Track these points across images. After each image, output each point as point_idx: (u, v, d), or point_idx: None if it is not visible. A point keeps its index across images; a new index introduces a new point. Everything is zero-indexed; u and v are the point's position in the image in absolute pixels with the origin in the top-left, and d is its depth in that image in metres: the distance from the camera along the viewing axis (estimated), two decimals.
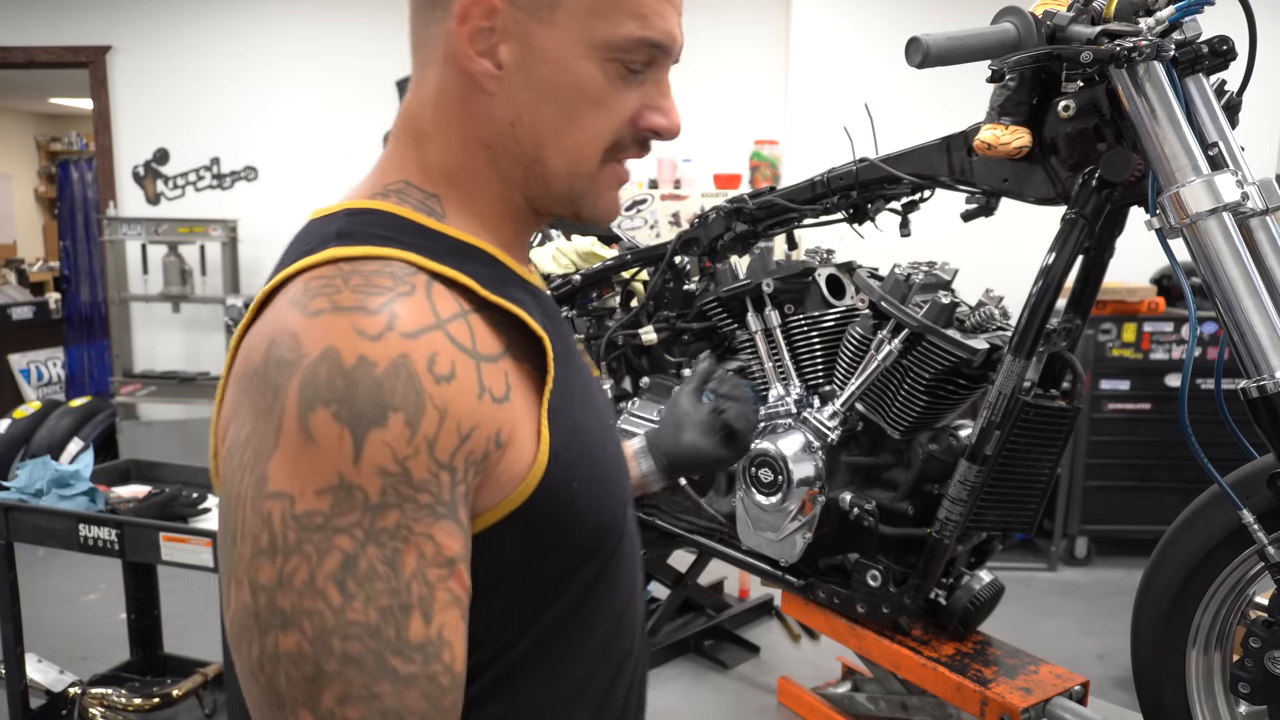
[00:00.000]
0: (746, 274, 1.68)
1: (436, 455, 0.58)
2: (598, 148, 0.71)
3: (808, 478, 1.50)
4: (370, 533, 0.56)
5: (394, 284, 0.60)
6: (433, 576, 0.58)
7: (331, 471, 0.55)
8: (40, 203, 9.93)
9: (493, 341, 0.64)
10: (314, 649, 0.54)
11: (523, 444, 0.64)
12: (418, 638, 0.56)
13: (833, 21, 4.64)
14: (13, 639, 2.26)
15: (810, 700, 1.73)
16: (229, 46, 5.08)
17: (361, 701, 0.55)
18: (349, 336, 0.57)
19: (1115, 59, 1.11)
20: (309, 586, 0.55)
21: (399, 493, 0.56)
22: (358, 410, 0.56)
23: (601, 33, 0.67)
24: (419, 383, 0.57)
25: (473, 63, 0.67)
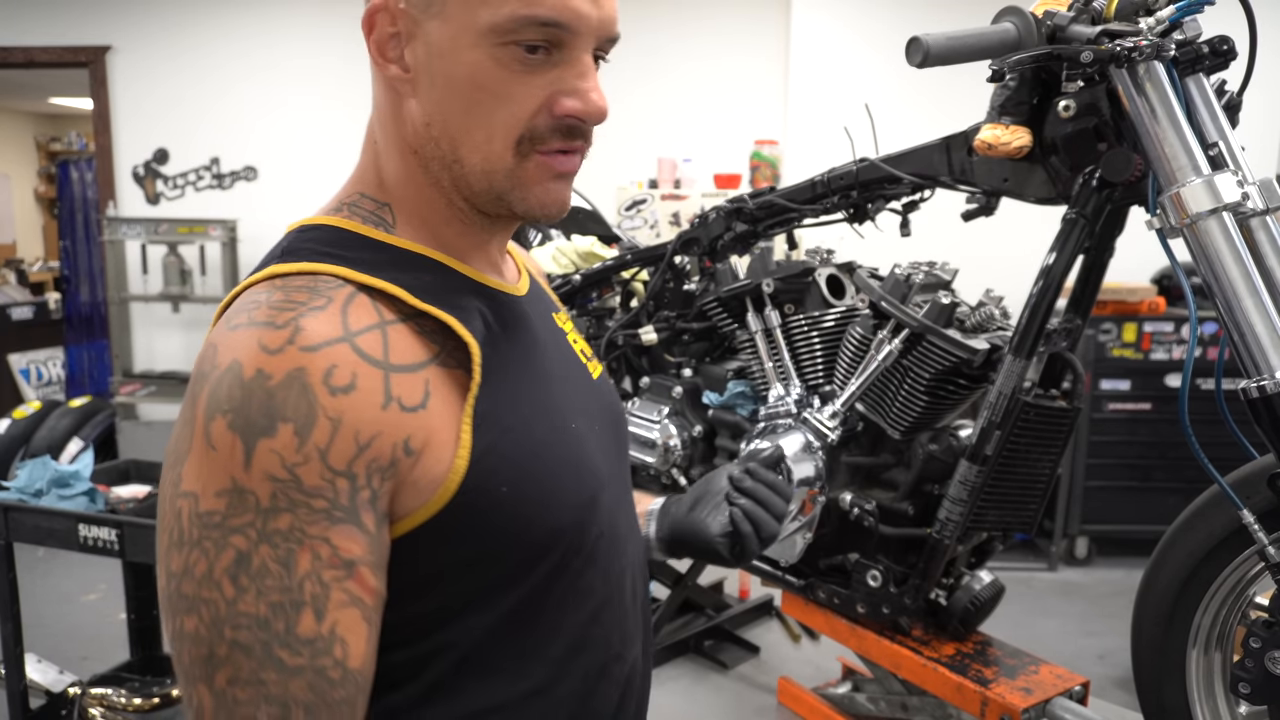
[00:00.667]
0: (746, 274, 1.68)
1: (330, 463, 0.60)
2: (507, 140, 0.68)
3: (808, 478, 1.50)
4: (263, 533, 0.59)
5: (309, 298, 0.63)
6: (328, 577, 0.60)
7: (226, 476, 0.59)
8: (40, 203, 9.93)
9: (416, 350, 0.66)
10: (209, 633, 0.59)
11: (441, 449, 0.65)
12: (307, 633, 0.60)
13: (833, 22, 4.64)
14: (13, 639, 2.26)
15: (810, 700, 1.73)
16: (229, 46, 5.08)
17: (249, 685, 0.59)
18: (252, 351, 0.60)
19: (1115, 59, 1.11)
20: (207, 578, 0.59)
21: (290, 498, 0.60)
22: (249, 420, 0.59)
23: (486, 17, 0.65)
24: (311, 395, 0.60)
25: (384, 68, 0.69)
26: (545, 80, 0.67)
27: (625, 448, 0.91)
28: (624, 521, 0.83)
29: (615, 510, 0.80)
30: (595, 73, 0.69)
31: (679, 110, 4.81)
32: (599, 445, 0.79)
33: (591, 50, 0.69)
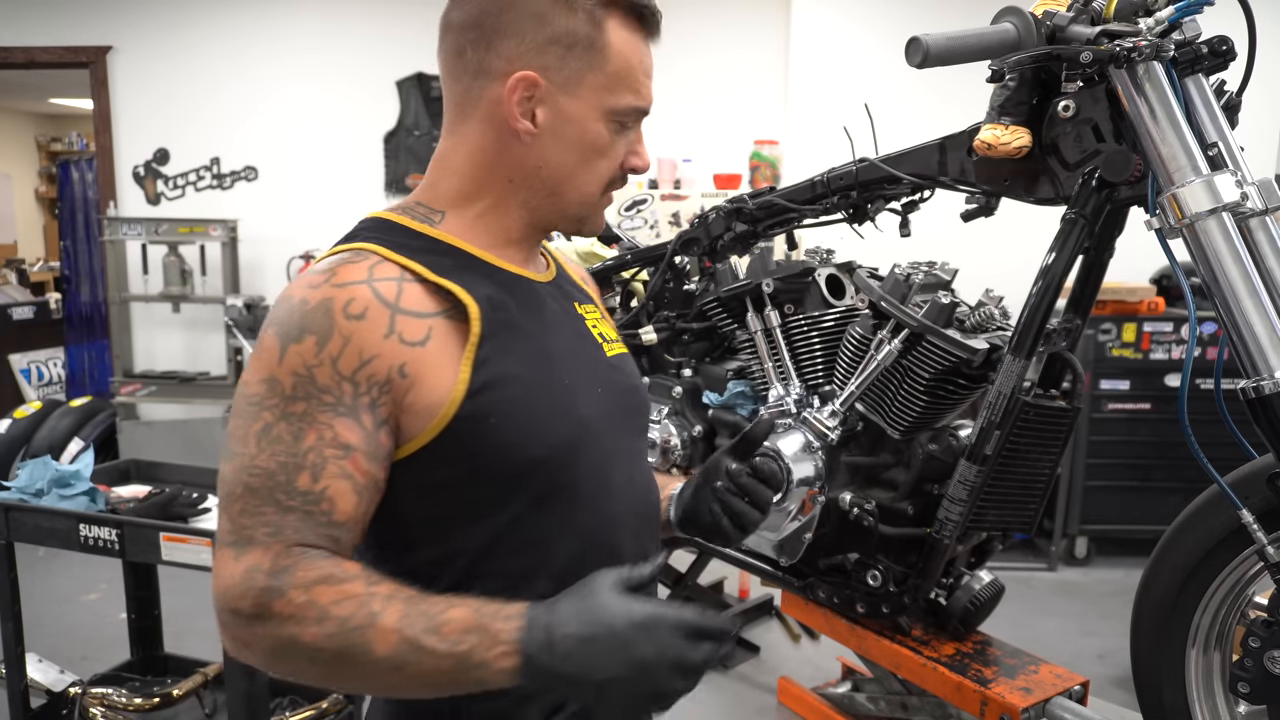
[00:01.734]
0: (746, 274, 1.69)
1: (339, 369, 0.81)
2: (601, 184, 0.95)
3: (808, 477, 1.50)
4: (283, 413, 0.81)
5: (352, 256, 0.86)
6: (327, 453, 0.81)
7: (266, 369, 0.82)
8: (41, 203, 9.93)
9: (426, 303, 0.86)
10: (234, 475, 0.81)
11: (439, 381, 0.84)
12: (304, 486, 0.80)
13: (833, 21, 4.64)
14: (13, 639, 2.26)
15: (810, 700, 1.73)
16: (229, 46, 5.08)
17: (253, 515, 0.80)
18: (302, 288, 0.84)
19: (1115, 59, 1.11)
20: (242, 437, 0.82)
21: (306, 390, 0.81)
22: (286, 330, 0.82)
23: (610, 103, 0.91)
24: (332, 317, 0.82)
25: (517, 121, 0.90)
26: (623, 144, 0.95)
27: (638, 421, 1.06)
28: (622, 479, 0.96)
29: (609, 465, 0.95)
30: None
31: (679, 110, 4.81)
32: (598, 407, 0.95)
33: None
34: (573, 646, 0.75)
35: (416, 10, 4.85)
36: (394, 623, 0.76)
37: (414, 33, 4.84)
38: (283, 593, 0.77)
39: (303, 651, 0.78)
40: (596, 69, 0.90)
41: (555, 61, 0.89)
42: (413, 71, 5.01)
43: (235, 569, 0.79)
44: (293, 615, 0.77)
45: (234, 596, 0.79)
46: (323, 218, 5.05)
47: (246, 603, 0.78)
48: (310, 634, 0.77)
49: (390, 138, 5.10)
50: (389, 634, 0.76)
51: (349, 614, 0.77)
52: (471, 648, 0.75)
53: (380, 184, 5.13)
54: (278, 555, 0.79)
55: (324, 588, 0.78)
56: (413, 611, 0.77)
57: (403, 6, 4.92)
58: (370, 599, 0.77)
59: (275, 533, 0.80)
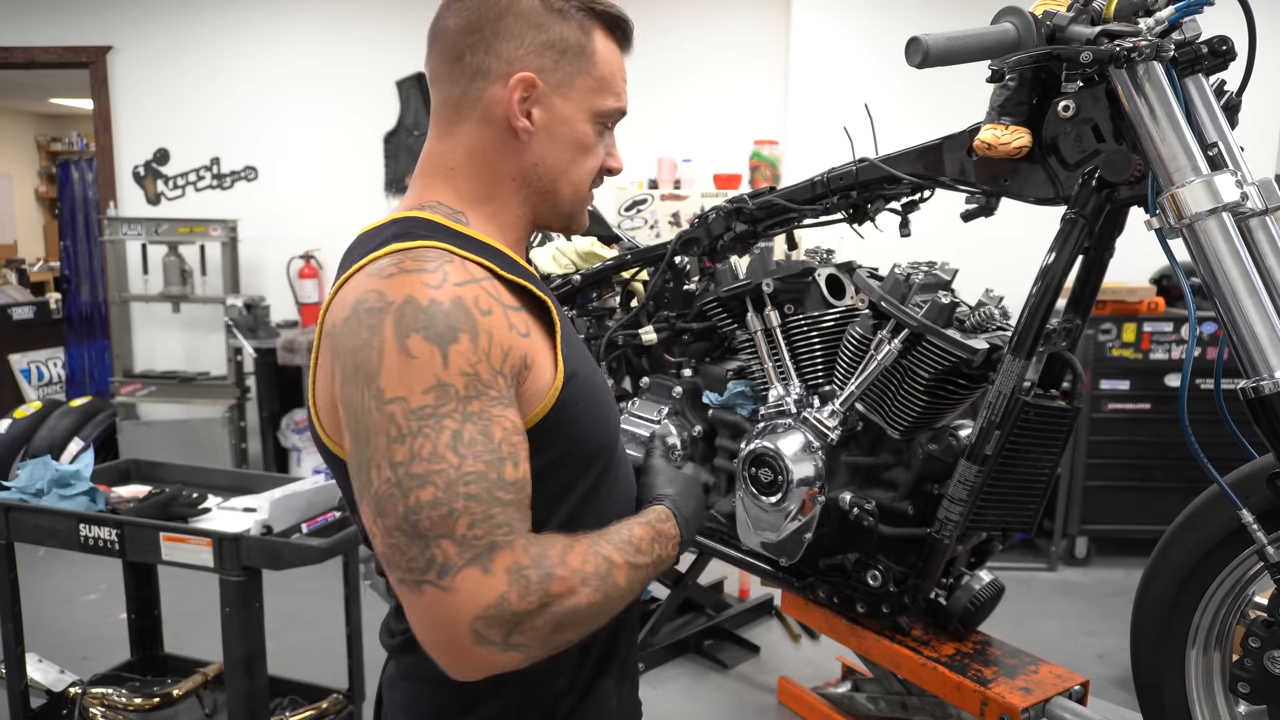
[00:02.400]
0: (746, 274, 1.69)
1: (492, 363, 0.83)
2: (589, 181, 1.02)
3: (808, 477, 1.50)
4: (465, 415, 0.80)
5: (438, 257, 0.86)
6: (516, 440, 0.84)
7: (431, 376, 0.80)
8: (41, 203, 9.93)
9: (512, 299, 0.89)
10: (446, 495, 0.78)
11: (542, 370, 0.89)
12: (512, 477, 0.82)
13: (833, 22, 4.64)
14: (13, 639, 2.26)
15: (810, 700, 1.73)
16: (230, 47, 5.08)
17: (483, 523, 0.79)
18: (420, 288, 0.82)
19: (1115, 59, 1.11)
20: (434, 455, 0.79)
21: (476, 388, 0.81)
22: (439, 333, 0.80)
23: (597, 104, 0.98)
24: (472, 315, 0.83)
25: (517, 120, 0.95)
26: (604, 145, 1.02)
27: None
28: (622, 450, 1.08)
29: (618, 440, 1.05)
30: None
31: (679, 110, 4.81)
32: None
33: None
34: (694, 513, 1.05)
35: (416, 11, 4.85)
36: (619, 556, 0.89)
37: (414, 33, 4.82)
38: (553, 574, 0.82)
39: (581, 617, 0.85)
40: (586, 73, 0.97)
41: (551, 64, 0.95)
42: (413, 71, 5.01)
43: (493, 581, 0.79)
44: (569, 589, 0.83)
45: (512, 603, 0.79)
46: (323, 218, 5.06)
47: (532, 600, 0.80)
48: (585, 598, 0.84)
49: (390, 138, 5.11)
50: (621, 567, 0.89)
51: (596, 566, 0.86)
52: (660, 551, 0.95)
53: (380, 184, 5.13)
54: (525, 547, 0.82)
55: (570, 554, 0.85)
56: (618, 542, 0.90)
57: (403, 7, 4.92)
58: (592, 547, 0.88)
59: (511, 529, 0.81)
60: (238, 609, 1.98)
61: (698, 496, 1.08)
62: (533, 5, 0.94)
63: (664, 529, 0.98)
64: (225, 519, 2.20)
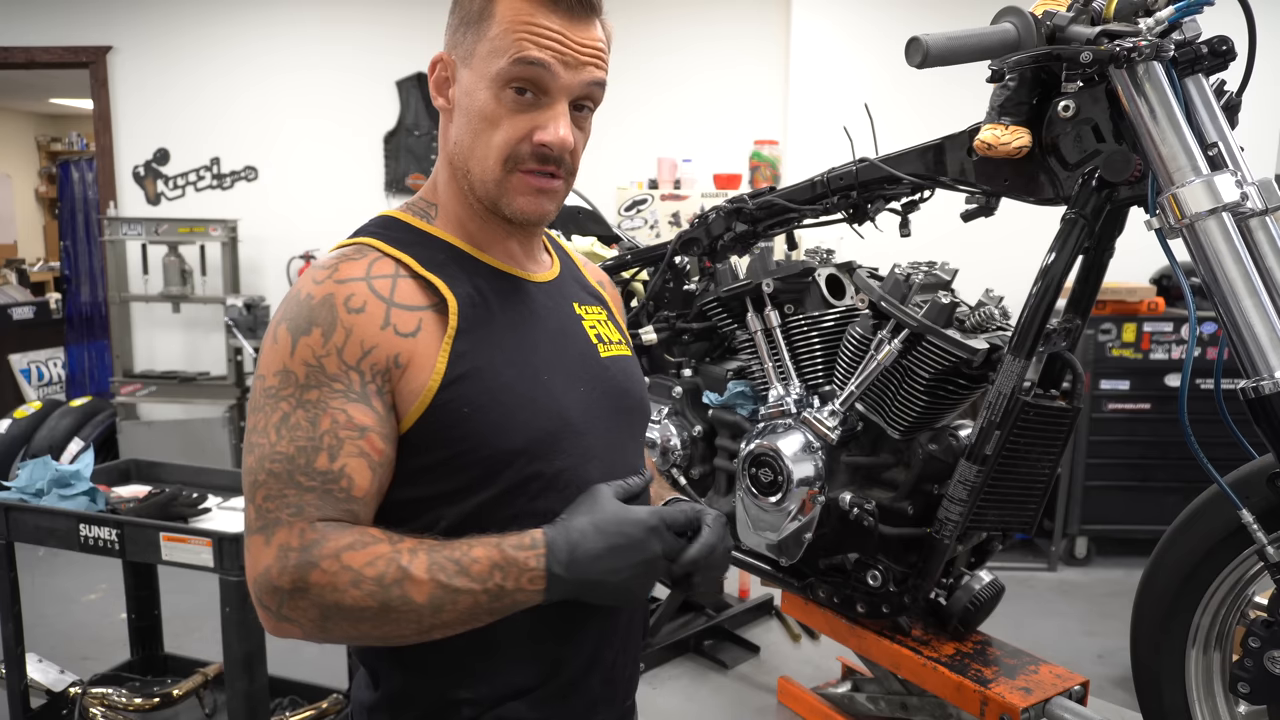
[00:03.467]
0: (746, 274, 1.68)
1: (344, 358, 0.87)
2: (496, 158, 0.93)
3: (807, 478, 1.50)
4: (300, 401, 0.86)
5: (354, 253, 0.92)
6: (343, 434, 0.86)
7: (280, 361, 0.87)
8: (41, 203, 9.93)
9: (417, 297, 0.91)
10: (256, 465, 0.86)
11: (423, 370, 0.89)
12: (322, 466, 0.85)
13: (833, 22, 4.64)
14: (13, 639, 2.26)
15: (810, 700, 1.73)
16: (230, 47, 5.08)
17: (276, 499, 0.85)
18: (308, 282, 0.90)
19: (1115, 59, 1.11)
20: (262, 429, 0.87)
21: (317, 379, 0.86)
22: (296, 324, 0.87)
23: (493, 67, 0.91)
24: (335, 311, 0.87)
25: (435, 98, 0.97)
26: (528, 118, 0.92)
27: (629, 422, 1.05)
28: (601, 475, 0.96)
29: (588, 462, 0.96)
30: (567, 118, 0.93)
31: (679, 110, 4.80)
32: (581, 404, 0.97)
33: (567, 101, 0.93)
34: (596, 557, 0.86)
35: (416, 11, 4.85)
36: (425, 572, 0.83)
37: (414, 33, 4.84)
38: (316, 564, 0.82)
39: (347, 614, 0.83)
40: (483, 37, 0.92)
41: (460, 39, 0.95)
42: (413, 71, 5.01)
43: (268, 552, 0.84)
44: (329, 583, 0.82)
45: (271, 576, 0.83)
46: (323, 218, 5.06)
47: (285, 579, 0.82)
48: (351, 597, 0.82)
49: (390, 138, 5.10)
50: (423, 583, 0.83)
51: (381, 571, 0.82)
52: (501, 581, 0.85)
53: (380, 184, 5.12)
54: (303, 531, 0.84)
55: (352, 553, 0.83)
56: (439, 558, 0.84)
57: (403, 7, 4.92)
58: (397, 555, 0.83)
59: (298, 511, 0.84)
60: (238, 609, 1.98)
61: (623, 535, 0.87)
62: None
63: (517, 557, 0.84)
64: (225, 519, 2.20)
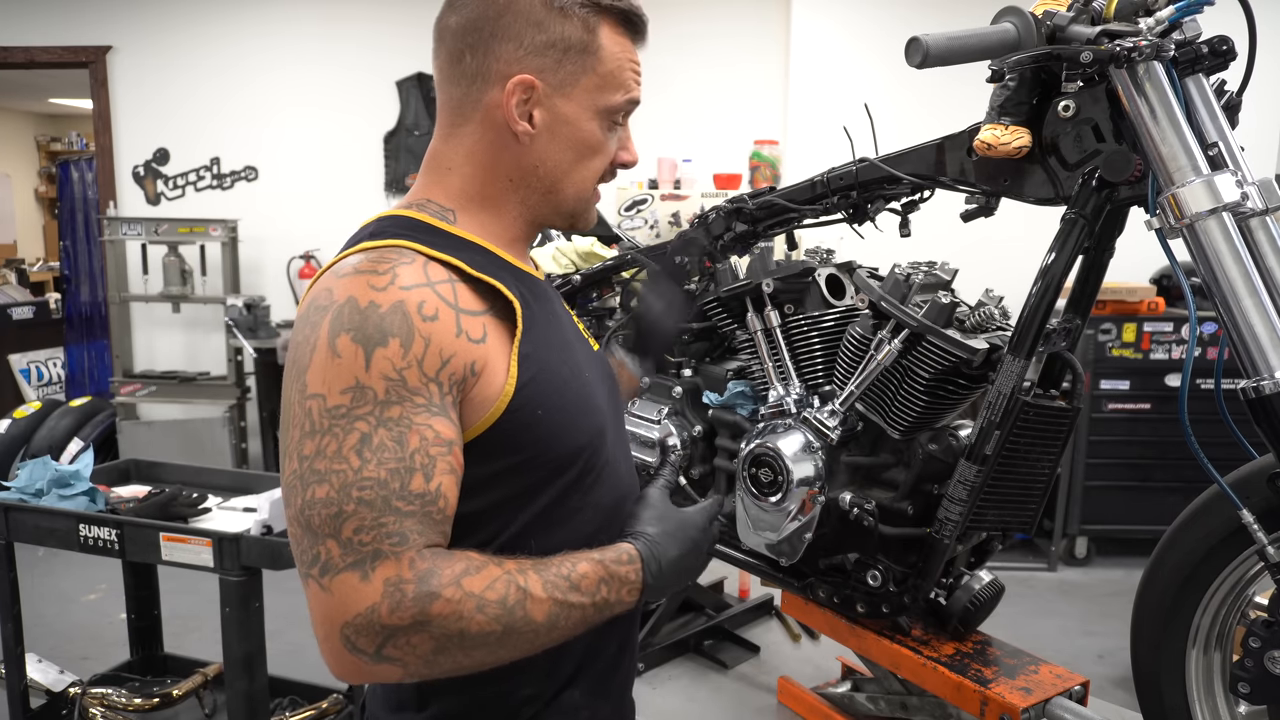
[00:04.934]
0: (746, 274, 1.68)
1: (425, 370, 0.82)
2: (595, 180, 1.00)
3: (807, 477, 1.50)
4: (380, 419, 0.80)
5: (399, 257, 0.86)
6: (434, 452, 0.81)
7: (350, 377, 0.80)
8: (40, 203, 9.94)
9: (475, 302, 0.88)
10: (339, 495, 0.78)
11: (495, 376, 0.87)
12: (419, 489, 0.80)
13: (833, 22, 4.64)
14: (13, 639, 2.26)
15: (810, 700, 1.73)
16: (230, 47, 5.08)
17: (372, 530, 0.78)
18: (364, 289, 0.82)
19: (1115, 59, 1.11)
20: (337, 455, 0.79)
21: (399, 393, 0.80)
22: (367, 335, 0.80)
23: (603, 102, 0.95)
24: (410, 320, 0.82)
25: (516, 124, 0.93)
26: (615, 140, 1.00)
27: (622, 409, 1.13)
28: (623, 461, 1.05)
29: (616, 448, 1.02)
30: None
31: (679, 110, 4.81)
32: (603, 396, 1.02)
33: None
34: (675, 562, 0.95)
35: (416, 11, 4.85)
36: (541, 591, 0.84)
37: (414, 33, 4.84)
38: (438, 593, 0.79)
39: (470, 642, 0.80)
40: (590, 71, 0.94)
41: (552, 65, 0.93)
42: (413, 71, 5.01)
43: (368, 589, 0.77)
44: (454, 612, 0.79)
45: (382, 615, 0.77)
46: (323, 218, 5.06)
47: (401, 615, 0.77)
48: (477, 623, 0.80)
49: (390, 138, 5.11)
50: (543, 601, 0.83)
51: (503, 594, 0.81)
52: (606, 594, 0.88)
53: (380, 184, 5.13)
54: (413, 561, 0.79)
55: (470, 578, 0.81)
56: (550, 576, 0.85)
57: (403, 7, 4.92)
58: (511, 575, 0.83)
59: (402, 540, 0.79)
60: (238, 609, 1.98)
61: (689, 539, 0.99)
62: (532, 3, 0.92)
63: (619, 571, 0.90)
64: (225, 519, 2.20)
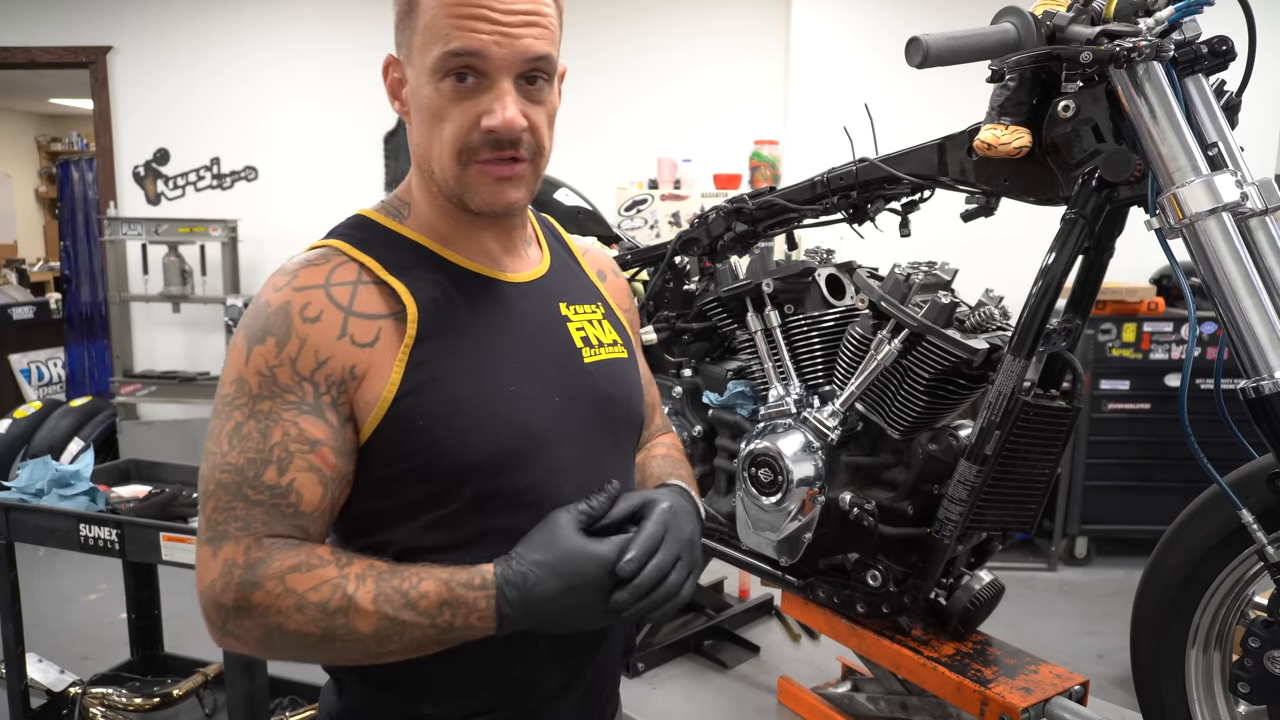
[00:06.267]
0: (746, 274, 1.68)
1: (298, 369, 0.84)
2: (450, 153, 0.88)
3: (807, 477, 1.50)
4: (252, 411, 0.84)
5: (318, 258, 0.89)
6: (293, 448, 0.83)
7: (235, 369, 0.85)
8: (41, 203, 9.94)
9: (378, 305, 0.88)
10: (208, 474, 0.84)
11: (377, 381, 0.86)
12: (270, 480, 0.83)
13: (833, 22, 4.64)
14: (13, 639, 2.26)
15: (810, 700, 1.73)
16: (229, 46, 5.08)
17: (224, 511, 0.83)
18: (269, 289, 0.88)
19: (1115, 59, 1.11)
20: (215, 437, 0.85)
21: (270, 389, 0.84)
22: (252, 331, 0.85)
23: (429, 59, 0.87)
24: (290, 320, 0.85)
25: (394, 104, 0.94)
26: (473, 105, 0.87)
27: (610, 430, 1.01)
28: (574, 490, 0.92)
29: (559, 475, 0.92)
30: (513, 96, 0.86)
31: (679, 110, 4.81)
32: (553, 415, 0.93)
33: (512, 78, 0.86)
34: (547, 598, 0.82)
35: None
36: (371, 604, 0.80)
37: None
38: (259, 584, 0.80)
39: (289, 638, 0.81)
40: (415, 31, 0.88)
41: (402, 37, 0.91)
42: None
43: (214, 564, 0.82)
44: (272, 605, 0.80)
45: (216, 591, 0.81)
46: (323, 218, 5.02)
47: (228, 596, 0.81)
48: (294, 622, 0.80)
49: (390, 138, 5.11)
50: (369, 614, 0.80)
51: (325, 598, 0.80)
52: (450, 618, 0.82)
53: (380, 184, 5.13)
54: (249, 547, 0.82)
55: (297, 575, 0.81)
56: (386, 589, 0.81)
57: None
58: (343, 581, 0.81)
59: (245, 526, 0.82)
60: None
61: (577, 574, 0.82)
62: None
63: (465, 596, 0.81)
64: None
